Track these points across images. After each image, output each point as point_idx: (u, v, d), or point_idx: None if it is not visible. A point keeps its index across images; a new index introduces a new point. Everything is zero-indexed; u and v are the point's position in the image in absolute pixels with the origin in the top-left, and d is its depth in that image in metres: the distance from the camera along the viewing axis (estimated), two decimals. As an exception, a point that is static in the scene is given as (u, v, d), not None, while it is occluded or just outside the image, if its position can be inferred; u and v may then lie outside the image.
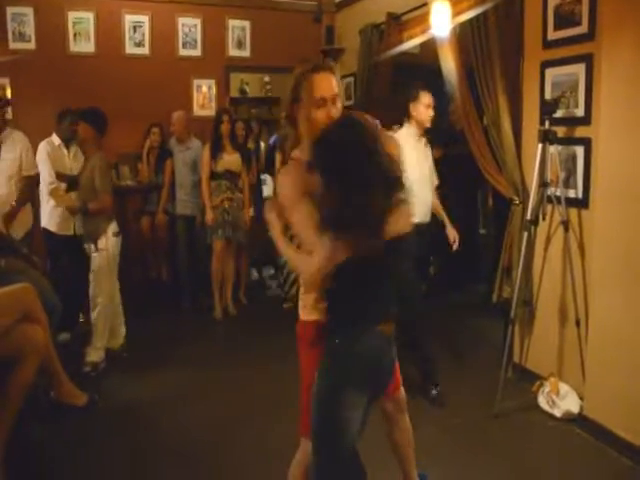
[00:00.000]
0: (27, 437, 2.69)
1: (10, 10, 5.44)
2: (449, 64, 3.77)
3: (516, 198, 3.72)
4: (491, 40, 3.81)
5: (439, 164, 4.79)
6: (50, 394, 2.70)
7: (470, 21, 3.88)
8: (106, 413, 3.21)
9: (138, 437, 3.03)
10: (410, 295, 3.32)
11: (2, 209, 3.73)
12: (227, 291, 5.14)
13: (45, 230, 4.47)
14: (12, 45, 5.46)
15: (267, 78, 7.90)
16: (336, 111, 1.83)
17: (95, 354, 3.87)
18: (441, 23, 3.35)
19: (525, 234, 3.40)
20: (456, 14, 3.64)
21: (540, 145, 3.34)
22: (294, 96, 1.87)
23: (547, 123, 3.35)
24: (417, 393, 3.48)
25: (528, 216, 3.40)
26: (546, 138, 3.33)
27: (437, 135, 5.63)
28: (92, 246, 3.79)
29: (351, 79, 6.11)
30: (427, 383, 3.51)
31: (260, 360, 4.11)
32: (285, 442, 2.92)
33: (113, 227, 3.91)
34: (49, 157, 4.37)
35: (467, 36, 3.95)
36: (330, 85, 1.84)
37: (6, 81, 5.39)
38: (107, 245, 3.83)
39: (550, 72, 3.51)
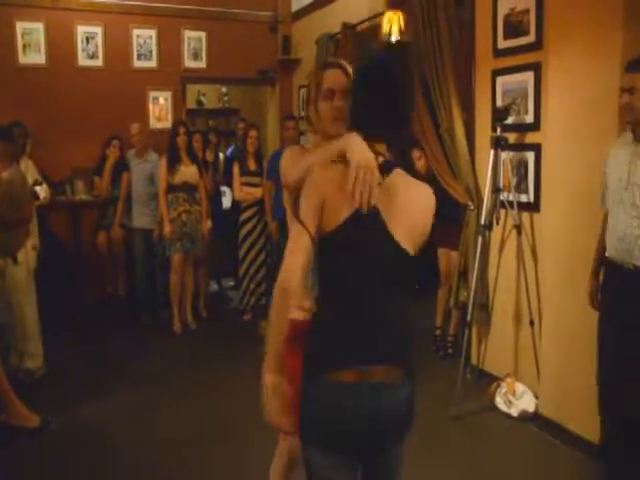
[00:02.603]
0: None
1: (-47, 20, 5.28)
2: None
3: (471, 203, 3.80)
4: (444, 49, 3.89)
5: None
6: (0, 417, 2.59)
7: (423, 31, 3.96)
8: (59, 434, 3.10)
9: (94, 458, 2.94)
10: None
11: None
12: (186, 304, 5.07)
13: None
14: (-44, 57, 5.29)
15: (224, 89, 7.87)
16: (344, 107, 1.75)
17: (31, 362, 3.79)
18: (394, 33, 3.41)
19: (480, 238, 3.47)
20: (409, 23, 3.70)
21: (492, 151, 3.43)
22: (308, 97, 1.87)
23: (498, 130, 3.44)
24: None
25: (482, 221, 3.47)
26: (498, 144, 3.41)
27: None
28: (9, 260, 3.64)
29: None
30: None
31: (220, 374, 4.05)
32: (245, 458, 2.92)
33: (32, 240, 3.80)
34: None
35: (420, 45, 4.03)
36: (339, 79, 1.81)
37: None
38: (26, 258, 3.73)
39: (501, 80, 3.61)
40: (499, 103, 3.61)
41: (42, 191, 4.48)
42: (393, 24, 3.32)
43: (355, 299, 1.44)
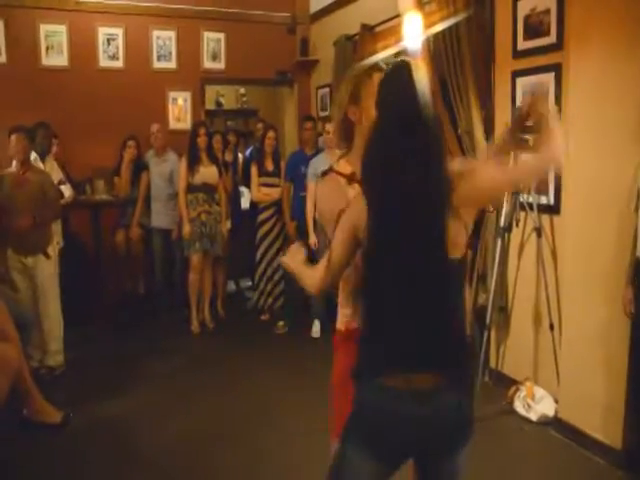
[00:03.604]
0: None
1: (-21, 23, 5.37)
2: (422, 76, 3.82)
3: (490, 206, 3.77)
4: (463, 50, 3.88)
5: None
6: (23, 412, 2.64)
7: (442, 32, 3.95)
8: (79, 431, 3.14)
9: (113, 455, 2.97)
10: None
11: None
12: (205, 304, 5.10)
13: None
14: (-19, 59, 5.39)
15: (242, 90, 7.90)
16: None
17: (52, 359, 3.89)
18: (413, 34, 3.38)
19: (499, 241, 3.45)
20: (428, 26, 3.68)
21: (512, 153, 3.39)
22: (353, 98, 1.75)
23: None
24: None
25: (502, 223, 3.45)
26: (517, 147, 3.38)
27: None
28: (40, 256, 3.80)
29: (326, 90, 6.15)
30: None
31: (238, 374, 4.08)
32: (260, 458, 2.94)
33: (56, 238, 3.99)
34: None
35: (439, 47, 4.03)
36: None
37: (-24, 94, 5.31)
38: (54, 251, 3.88)
39: (521, 81, 3.58)
40: (519, 104, 3.58)
41: (66, 190, 4.56)
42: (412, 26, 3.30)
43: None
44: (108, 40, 5.89)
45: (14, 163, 4.25)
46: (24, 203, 3.68)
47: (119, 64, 5.91)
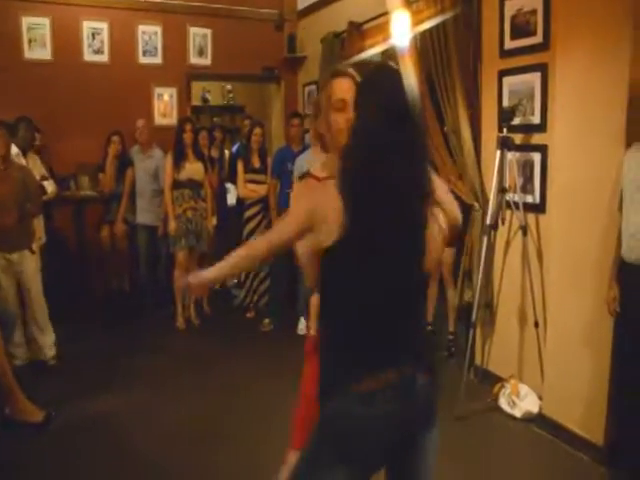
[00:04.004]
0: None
1: (-41, 15, 5.27)
2: (409, 73, 3.82)
3: (476, 204, 3.80)
4: (450, 49, 3.89)
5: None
6: (4, 411, 2.59)
7: (429, 30, 3.96)
8: (61, 429, 3.11)
9: (100, 454, 2.94)
10: None
11: None
12: (190, 301, 5.07)
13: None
14: (-38, 51, 5.29)
15: (229, 86, 7.86)
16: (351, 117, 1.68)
17: (47, 352, 3.97)
18: (401, 32, 3.39)
19: (485, 238, 3.47)
20: (416, 23, 3.69)
21: (498, 152, 3.42)
22: (317, 108, 1.80)
23: (505, 130, 3.43)
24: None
25: (488, 221, 3.47)
26: (504, 145, 3.41)
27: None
28: (26, 251, 3.81)
29: (313, 87, 6.13)
30: None
31: (223, 371, 4.06)
32: (249, 454, 2.93)
33: (38, 234, 4.02)
34: None
35: (426, 45, 4.03)
36: (348, 89, 1.73)
37: (-44, 88, 5.21)
38: (37, 247, 3.91)
39: (507, 80, 3.60)
40: (505, 103, 3.60)
41: (49, 186, 4.50)
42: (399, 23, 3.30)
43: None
44: (93, 34, 5.81)
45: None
46: (7, 199, 3.64)
47: (104, 59, 5.84)
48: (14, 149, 4.40)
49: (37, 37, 5.60)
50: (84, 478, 2.75)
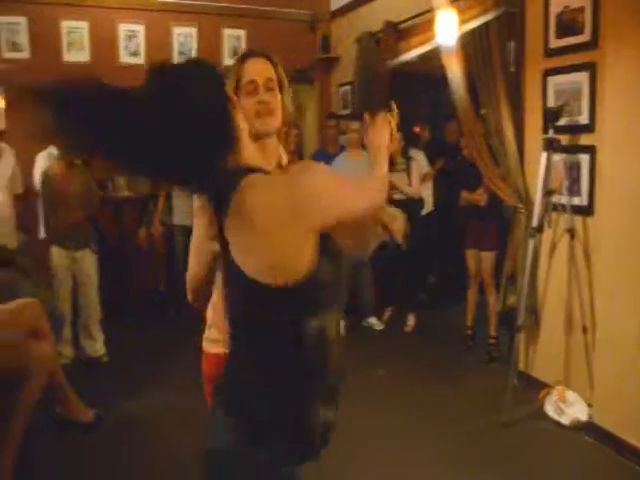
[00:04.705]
0: (31, 454, 2.62)
1: (2, 20, 5.36)
2: (455, 73, 3.78)
3: (520, 205, 3.73)
4: (492, 49, 3.83)
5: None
6: (55, 410, 2.63)
7: (471, 29, 3.89)
8: (107, 429, 3.12)
9: (143, 455, 2.96)
10: None
11: (4, 217, 3.81)
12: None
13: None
14: (5, 55, 5.37)
15: (262, 87, 7.85)
16: (272, 99, 1.57)
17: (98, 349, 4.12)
18: (447, 31, 3.35)
19: (530, 242, 3.40)
20: (460, 23, 3.63)
21: (544, 153, 3.35)
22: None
23: (551, 131, 3.36)
24: (429, 406, 3.47)
25: (533, 224, 3.40)
26: (550, 146, 3.34)
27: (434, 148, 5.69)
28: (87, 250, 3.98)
29: (348, 88, 6.10)
30: None
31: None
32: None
33: None
34: None
35: (467, 44, 3.97)
36: (261, 68, 1.59)
37: None
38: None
39: (552, 80, 3.53)
40: (551, 104, 3.53)
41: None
42: (446, 23, 3.26)
43: None
44: (129, 36, 5.87)
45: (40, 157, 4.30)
46: (75, 198, 3.83)
47: (140, 60, 5.88)
48: (55, 151, 4.47)
49: (76, 40, 5.67)
50: (121, 477, 2.77)
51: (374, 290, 5.02)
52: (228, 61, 6.19)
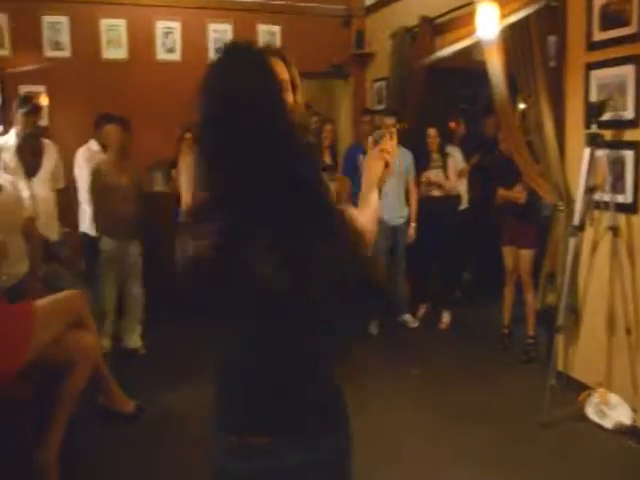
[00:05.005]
0: (75, 444, 2.68)
1: (46, 19, 5.48)
2: (496, 68, 3.72)
3: (560, 203, 3.65)
4: (532, 42, 3.75)
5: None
6: (98, 400, 2.70)
7: (511, 23, 3.82)
8: (147, 421, 3.17)
9: (178, 447, 2.98)
10: None
11: (48, 210, 3.88)
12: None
13: (85, 235, 4.49)
14: (48, 53, 5.50)
15: (296, 83, 7.86)
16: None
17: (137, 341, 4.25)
18: (488, 25, 3.30)
19: (572, 240, 3.32)
20: (500, 17, 3.55)
21: (587, 149, 3.27)
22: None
23: (594, 126, 3.28)
24: (464, 405, 3.44)
25: (575, 222, 3.32)
26: (593, 142, 3.26)
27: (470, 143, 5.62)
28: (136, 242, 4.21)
29: (382, 83, 6.06)
30: None
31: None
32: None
33: None
34: (87, 163, 4.40)
35: (507, 38, 3.89)
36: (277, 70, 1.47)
37: (42, 89, 5.43)
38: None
39: (595, 74, 3.44)
40: (593, 98, 3.44)
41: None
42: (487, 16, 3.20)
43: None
44: (166, 33, 5.94)
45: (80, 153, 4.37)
46: (128, 189, 4.02)
47: (176, 57, 5.96)
48: (94, 145, 4.57)
49: (114, 38, 5.76)
50: (155, 468, 2.81)
51: (409, 287, 4.99)
52: (263, 57, 6.23)
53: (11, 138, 3.99)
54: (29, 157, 3.62)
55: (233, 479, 1.25)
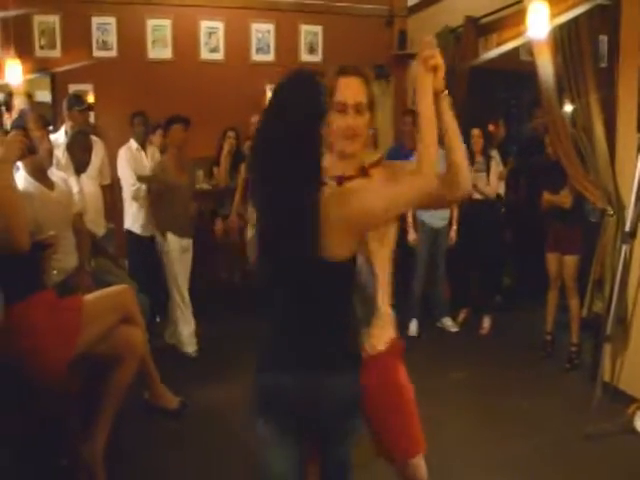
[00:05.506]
0: (120, 438, 2.74)
1: (95, 20, 5.62)
2: (546, 68, 3.63)
3: (610, 208, 3.55)
4: (583, 42, 3.66)
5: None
6: (144, 396, 2.74)
7: (560, 23, 3.73)
8: (190, 416, 3.22)
9: (221, 444, 3.02)
10: None
11: (95, 206, 3.98)
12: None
13: (129, 232, 4.58)
14: (96, 53, 5.63)
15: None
16: (360, 123, 1.64)
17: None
18: (539, 25, 3.23)
19: (623, 247, 3.23)
20: (551, 16, 3.47)
21: (640, 153, 3.17)
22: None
23: (649, 130, 3.18)
24: (505, 412, 3.38)
25: (627, 228, 3.22)
26: (648, 146, 3.16)
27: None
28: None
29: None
30: None
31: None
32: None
33: None
34: (129, 162, 4.49)
35: (557, 39, 3.80)
36: (355, 91, 1.64)
37: (89, 87, 5.57)
38: None
39: (651, 76, 3.33)
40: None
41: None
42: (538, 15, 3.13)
43: None
44: (209, 33, 6.01)
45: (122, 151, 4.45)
46: (189, 188, 4.19)
47: (219, 57, 6.02)
48: (133, 144, 4.64)
49: (159, 38, 5.86)
50: (197, 464, 2.84)
51: (449, 291, 4.92)
52: (305, 57, 6.25)
53: (61, 135, 4.11)
54: (79, 154, 3.70)
55: (280, 391, 1.56)
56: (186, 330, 4.20)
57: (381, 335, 1.75)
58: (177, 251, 4.14)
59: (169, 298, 4.25)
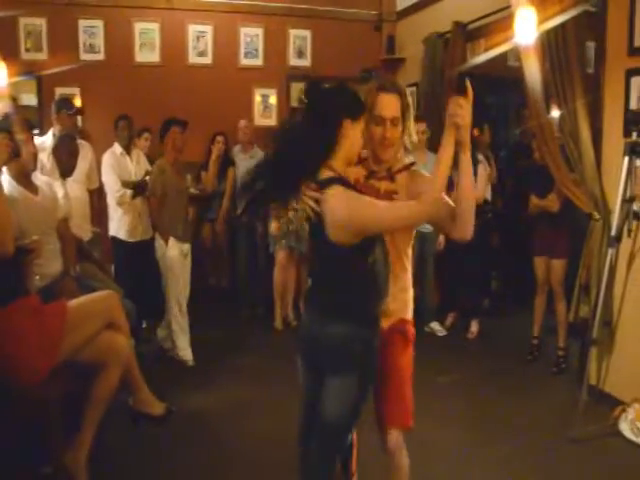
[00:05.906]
0: (104, 444, 2.70)
1: (82, 23, 5.58)
2: (533, 74, 3.65)
3: (596, 213, 3.57)
4: (569, 48, 3.68)
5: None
6: (128, 402, 2.71)
7: (547, 29, 3.75)
8: (176, 422, 3.16)
9: (206, 450, 3.01)
10: None
11: (81, 210, 3.94)
12: (288, 301, 5.11)
13: (114, 238, 4.52)
14: (83, 56, 5.59)
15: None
16: (395, 134, 1.94)
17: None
18: (526, 31, 3.25)
19: (610, 251, 3.25)
20: (538, 22, 3.49)
21: (626, 158, 3.19)
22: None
23: (634, 135, 3.20)
24: (492, 416, 3.38)
25: (613, 232, 3.24)
26: (633, 151, 3.18)
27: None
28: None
29: (412, 89, 6.02)
30: None
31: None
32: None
33: None
34: (113, 167, 4.42)
35: (543, 44, 3.82)
36: (392, 107, 1.93)
37: (76, 91, 5.52)
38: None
39: (636, 81, 3.37)
40: (633, 106, 3.36)
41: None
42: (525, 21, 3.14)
43: None
44: (197, 37, 5.99)
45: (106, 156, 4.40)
46: (185, 194, 4.23)
47: (207, 61, 6.00)
48: (118, 148, 4.58)
49: (147, 41, 5.84)
50: (183, 470, 2.82)
51: (437, 295, 4.93)
52: (294, 61, 6.25)
53: (48, 139, 4.06)
54: (65, 158, 3.66)
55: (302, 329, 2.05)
56: (182, 340, 4.14)
57: (389, 314, 2.00)
58: (178, 256, 4.08)
59: (165, 305, 4.19)
